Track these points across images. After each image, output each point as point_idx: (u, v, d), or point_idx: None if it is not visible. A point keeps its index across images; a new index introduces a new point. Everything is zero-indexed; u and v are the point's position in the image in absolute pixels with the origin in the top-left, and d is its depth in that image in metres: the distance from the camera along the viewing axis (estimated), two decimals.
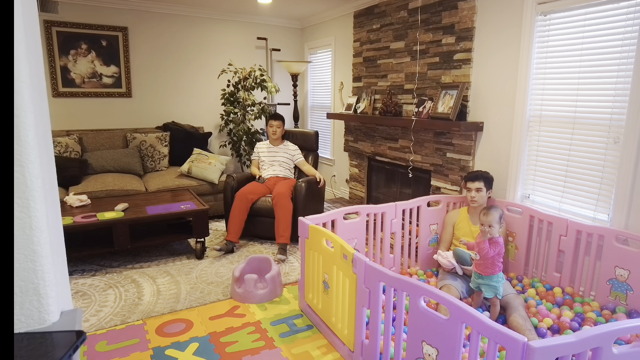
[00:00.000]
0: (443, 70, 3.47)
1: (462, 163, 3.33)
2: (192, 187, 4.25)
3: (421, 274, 2.99)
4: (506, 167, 3.08)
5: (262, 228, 3.76)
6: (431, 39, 3.55)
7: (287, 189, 3.62)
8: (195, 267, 3.28)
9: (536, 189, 2.96)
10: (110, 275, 3.11)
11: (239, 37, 5.45)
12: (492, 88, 3.13)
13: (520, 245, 2.91)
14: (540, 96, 2.86)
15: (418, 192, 3.89)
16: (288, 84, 5.85)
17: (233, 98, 4.98)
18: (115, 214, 3.15)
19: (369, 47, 4.33)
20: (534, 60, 2.84)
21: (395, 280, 1.71)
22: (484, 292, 2.40)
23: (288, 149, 4.07)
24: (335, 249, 2.11)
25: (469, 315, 1.44)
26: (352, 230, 2.77)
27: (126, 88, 4.87)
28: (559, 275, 2.70)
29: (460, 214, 2.96)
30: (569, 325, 2.24)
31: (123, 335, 2.34)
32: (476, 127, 3.19)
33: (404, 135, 3.88)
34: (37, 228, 0.70)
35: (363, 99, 4.32)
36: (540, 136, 2.88)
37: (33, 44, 0.75)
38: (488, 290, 2.39)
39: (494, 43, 3.08)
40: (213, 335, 2.35)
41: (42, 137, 0.74)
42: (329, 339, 2.29)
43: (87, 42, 4.60)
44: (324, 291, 2.30)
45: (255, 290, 2.73)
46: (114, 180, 4.03)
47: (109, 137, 4.59)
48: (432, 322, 1.59)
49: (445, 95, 3.31)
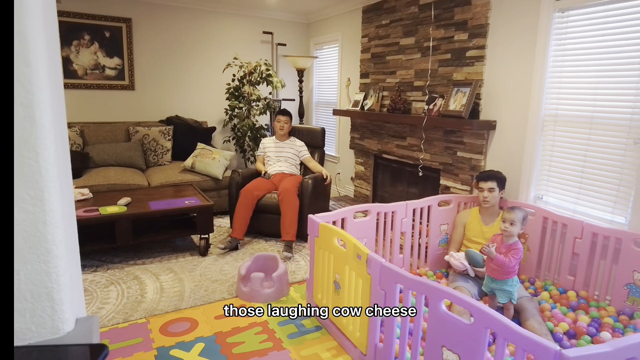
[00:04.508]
0: (455, 67, 3.39)
1: (473, 162, 3.26)
2: (195, 183, 4.18)
3: (431, 275, 2.92)
4: (519, 167, 3.01)
5: (267, 225, 3.69)
6: (442, 35, 3.48)
7: (293, 185, 3.55)
8: (199, 264, 3.20)
9: (550, 189, 2.89)
10: (112, 272, 3.04)
11: (245, 31, 5.37)
12: (505, 86, 3.06)
13: (532, 247, 2.84)
14: (556, 95, 2.79)
15: (426, 191, 3.83)
16: (293, 79, 5.77)
17: (238, 93, 4.90)
18: (118, 209, 3.07)
19: (378, 43, 4.25)
20: (551, 57, 2.77)
21: (414, 282, 1.65)
22: (498, 297, 2.33)
23: (294, 144, 4.00)
24: (348, 249, 2.04)
25: (494, 320, 1.38)
26: (361, 229, 2.70)
27: (129, 81, 4.79)
28: (572, 278, 2.64)
29: (471, 214, 2.89)
30: (586, 330, 2.18)
31: (126, 334, 2.27)
32: (489, 126, 3.12)
33: (413, 133, 3.81)
34: (51, 224, 0.62)
35: (370, 96, 4.25)
36: (556, 136, 2.82)
37: (50, 17, 0.68)
38: (502, 295, 2.32)
39: (509, 40, 3.01)
40: (219, 335, 2.28)
41: (57, 119, 0.66)
42: (339, 340, 2.23)
43: (90, 32, 4.51)
44: (334, 291, 2.23)
45: (261, 289, 2.66)
46: (116, 174, 3.95)
47: (111, 131, 4.51)
48: (454, 326, 1.52)
49: (457, 93, 3.24)
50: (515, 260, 2.25)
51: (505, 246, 2.34)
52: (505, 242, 2.36)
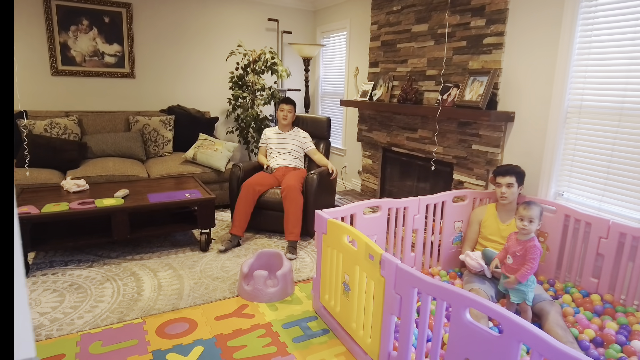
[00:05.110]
0: (471, 55, 3.20)
1: (489, 156, 3.08)
2: (197, 175, 4.02)
3: (444, 275, 2.76)
4: (539, 161, 2.84)
5: (269, 222, 3.52)
6: (458, 21, 3.29)
7: (297, 181, 3.37)
8: (199, 260, 3.06)
9: (572, 186, 2.72)
10: (108, 267, 2.89)
11: (249, 17, 5.18)
12: (525, 75, 2.87)
13: (552, 246, 2.67)
14: (581, 84, 2.60)
15: (437, 186, 3.65)
16: (299, 69, 5.59)
17: (242, 82, 4.72)
18: (114, 201, 2.92)
19: (388, 31, 4.06)
20: (576, 44, 2.58)
21: (434, 287, 1.48)
22: (511, 296, 2.20)
23: (298, 135, 3.82)
24: (360, 248, 1.88)
25: (528, 333, 1.22)
26: (371, 226, 2.54)
27: (129, 68, 4.62)
28: (596, 280, 2.47)
29: (487, 210, 2.73)
30: (615, 338, 2.01)
31: (120, 336, 2.12)
32: (507, 117, 2.94)
33: (424, 125, 3.63)
34: None
35: (380, 86, 4.06)
36: (580, 128, 2.63)
37: None
38: (515, 294, 2.18)
39: (530, 26, 2.81)
40: (219, 338, 2.13)
41: None
42: (347, 346, 2.07)
43: (88, 17, 4.34)
44: (343, 293, 2.07)
45: (265, 289, 2.50)
46: (115, 165, 3.79)
47: (110, 120, 4.35)
48: (480, 338, 1.36)
49: (473, 82, 3.06)
50: (533, 263, 2.12)
51: (521, 244, 2.18)
52: (519, 240, 2.21)
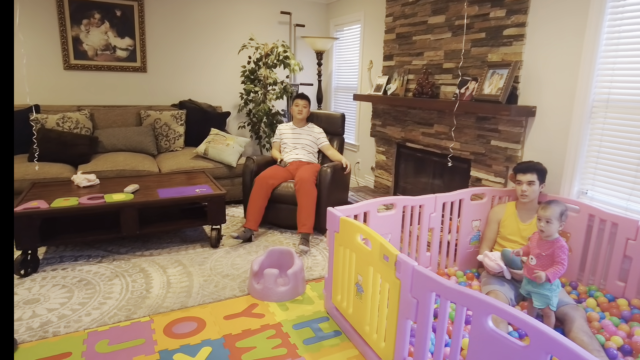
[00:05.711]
0: (490, 47, 3.08)
1: (508, 152, 2.96)
2: (208, 170, 3.97)
3: (460, 276, 2.66)
4: (561, 158, 2.71)
5: (282, 216, 3.47)
6: (476, 12, 3.16)
7: (311, 174, 3.31)
8: (209, 256, 3.00)
9: (597, 184, 2.59)
10: (117, 263, 2.86)
11: (261, 10, 5.10)
12: (548, 68, 2.74)
13: (575, 248, 2.55)
14: (608, 77, 2.47)
15: (453, 183, 3.54)
16: (312, 63, 5.50)
17: (254, 76, 4.66)
18: (124, 196, 2.88)
19: (404, 22, 3.94)
20: (604, 35, 2.45)
21: (454, 292, 1.39)
22: (534, 301, 2.08)
23: (312, 131, 3.75)
24: (374, 248, 1.80)
25: (557, 345, 1.12)
26: (386, 224, 2.45)
27: (141, 62, 4.58)
28: (623, 284, 2.35)
29: (506, 209, 2.62)
30: None
31: (127, 334, 2.08)
32: (528, 112, 2.81)
33: (441, 120, 3.52)
34: None
35: (394, 79, 3.96)
36: (606, 123, 2.50)
37: None
38: (538, 299, 2.06)
39: (553, 16, 2.68)
40: (228, 338, 2.07)
41: None
42: (360, 349, 2.00)
43: (100, 11, 4.30)
44: (356, 294, 1.99)
45: (275, 287, 2.44)
46: (126, 160, 3.76)
47: (122, 114, 4.32)
48: (504, 348, 1.27)
49: (493, 75, 2.94)
50: (564, 264, 2.00)
51: (547, 245, 2.07)
52: (544, 240, 2.10)
